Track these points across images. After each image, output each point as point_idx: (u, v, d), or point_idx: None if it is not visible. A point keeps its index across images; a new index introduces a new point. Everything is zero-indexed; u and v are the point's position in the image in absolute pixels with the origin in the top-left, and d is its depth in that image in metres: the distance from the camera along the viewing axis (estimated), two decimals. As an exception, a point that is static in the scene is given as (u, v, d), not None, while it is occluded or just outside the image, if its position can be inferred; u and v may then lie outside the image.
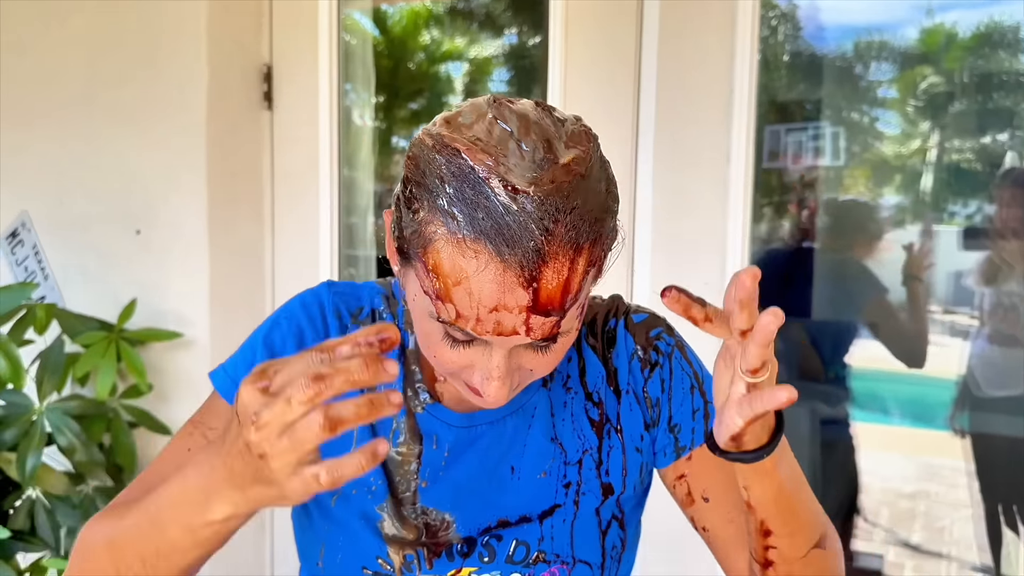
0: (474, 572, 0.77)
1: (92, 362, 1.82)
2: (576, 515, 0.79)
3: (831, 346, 2.74)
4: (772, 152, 3.05)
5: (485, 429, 0.79)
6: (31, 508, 1.83)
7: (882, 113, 3.16)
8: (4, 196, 2.18)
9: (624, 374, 0.82)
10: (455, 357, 0.67)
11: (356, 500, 0.78)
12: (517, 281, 0.61)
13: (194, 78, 1.88)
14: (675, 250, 1.56)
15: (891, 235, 3.26)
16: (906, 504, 3.34)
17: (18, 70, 2.11)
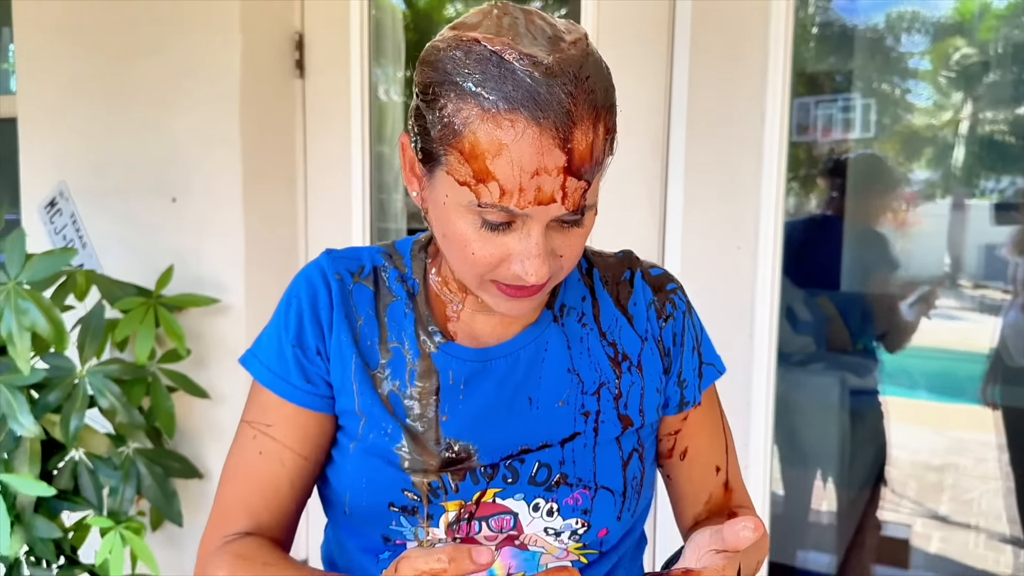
0: (498, 493, 0.80)
1: (131, 327, 1.86)
2: (596, 442, 0.82)
3: (859, 317, 2.74)
4: (801, 126, 3.03)
5: (499, 362, 0.82)
6: (74, 469, 1.87)
7: (914, 85, 3.12)
8: (42, 166, 2.22)
9: (642, 321, 0.86)
10: (492, 250, 0.71)
11: (376, 443, 0.81)
12: (554, 143, 0.66)
13: (227, 46, 1.90)
14: (708, 215, 1.56)
15: (923, 208, 3.23)
16: (934, 477, 3.33)
17: (54, 42, 2.14)
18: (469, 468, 0.80)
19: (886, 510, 2.87)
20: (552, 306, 0.85)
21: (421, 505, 0.80)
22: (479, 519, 0.80)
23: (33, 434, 1.71)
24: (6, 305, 1.66)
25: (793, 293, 2.72)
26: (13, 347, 1.65)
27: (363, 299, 0.83)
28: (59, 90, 2.16)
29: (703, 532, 0.70)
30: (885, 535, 2.76)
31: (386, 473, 0.80)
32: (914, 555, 2.78)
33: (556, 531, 0.81)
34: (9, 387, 1.71)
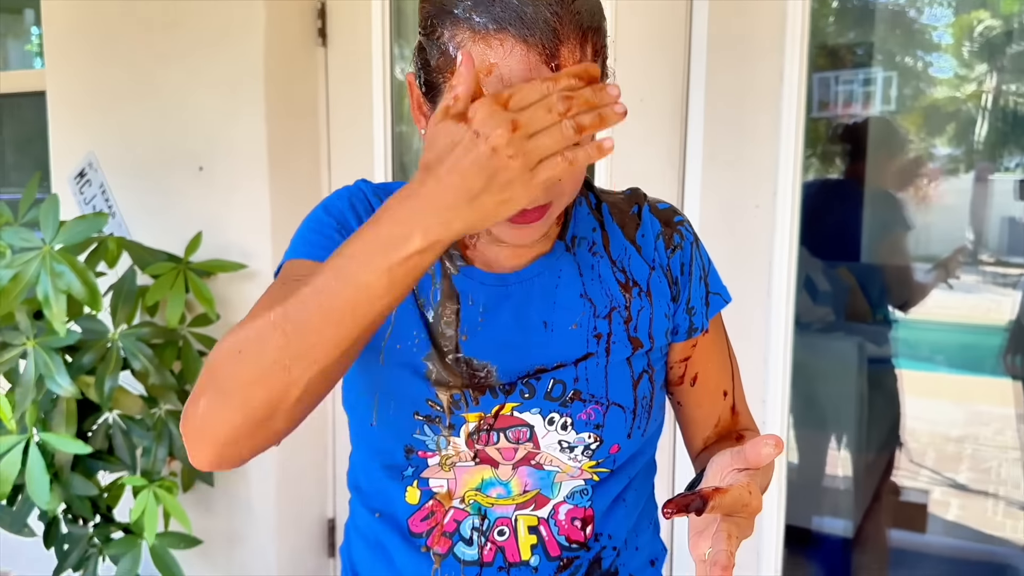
0: (516, 407, 0.84)
1: (162, 292, 1.91)
2: (608, 361, 0.86)
3: (878, 287, 2.74)
4: (822, 101, 3.01)
5: (515, 288, 0.86)
6: (108, 429, 1.93)
7: (936, 57, 3.10)
8: (71, 138, 2.27)
9: (650, 250, 0.90)
10: None
11: (402, 354, 0.85)
12: (540, 59, 0.69)
13: (251, 16, 1.93)
14: (726, 174, 1.58)
15: (945, 183, 3.22)
16: (953, 448, 3.34)
17: (80, 16, 2.18)
18: (488, 385, 0.84)
19: (904, 479, 2.89)
20: (564, 237, 0.88)
21: (443, 415, 0.84)
22: (497, 430, 0.84)
23: (70, 394, 1.76)
24: (42, 268, 1.71)
25: (812, 263, 2.74)
26: (49, 309, 1.70)
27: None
28: (86, 63, 2.20)
29: (724, 454, 0.73)
30: (903, 500, 2.78)
31: (412, 383, 0.84)
32: (932, 521, 2.80)
33: (570, 445, 0.85)
34: (45, 348, 1.77)
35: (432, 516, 0.87)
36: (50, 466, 1.80)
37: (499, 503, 0.87)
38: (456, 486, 0.87)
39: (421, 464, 0.86)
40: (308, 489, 2.19)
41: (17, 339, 1.80)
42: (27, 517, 1.91)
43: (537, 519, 0.87)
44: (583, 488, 0.88)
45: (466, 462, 0.85)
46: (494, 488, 0.86)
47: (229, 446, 0.71)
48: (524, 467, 0.86)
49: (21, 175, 3.09)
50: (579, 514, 0.88)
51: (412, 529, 0.88)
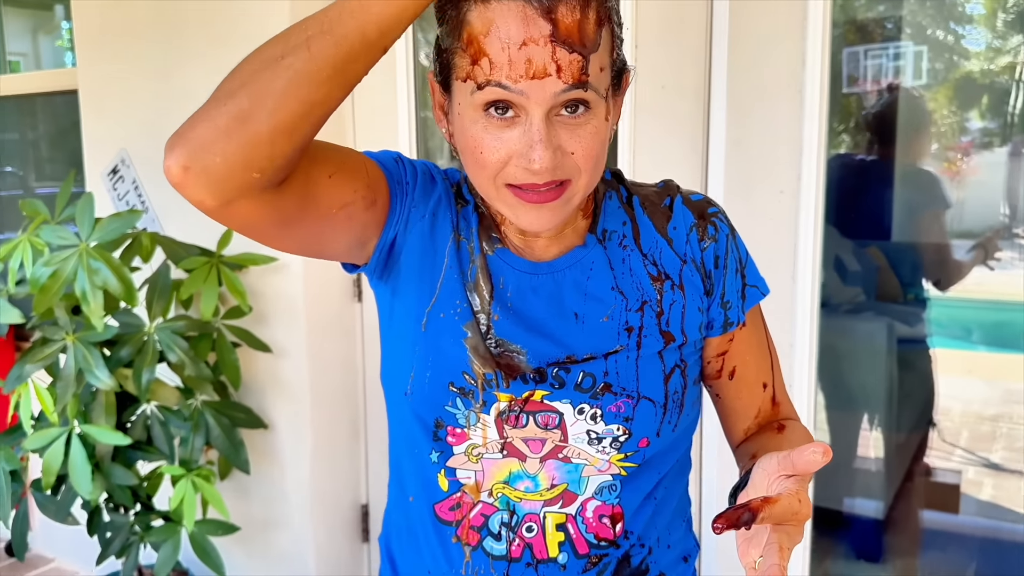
0: (546, 396, 0.85)
1: (196, 285, 1.95)
2: (639, 355, 0.86)
3: (910, 266, 2.72)
4: (851, 76, 2.98)
5: (546, 278, 0.87)
6: (147, 420, 1.98)
7: (968, 30, 3.04)
8: (103, 135, 2.31)
9: (682, 243, 0.89)
10: (499, 146, 0.75)
11: (444, 322, 0.86)
12: (537, 12, 0.70)
13: (276, 10, 1.96)
14: (750, 159, 1.58)
15: (979, 157, 3.17)
16: (987, 427, 3.31)
17: (110, 15, 2.22)
18: (519, 370, 0.85)
19: (937, 459, 2.87)
20: (595, 231, 0.88)
21: (476, 390, 0.85)
22: (527, 413, 0.85)
23: (109, 387, 1.81)
24: (79, 265, 1.75)
25: (841, 243, 2.72)
26: (87, 305, 1.75)
27: (451, 196, 0.90)
28: (117, 61, 2.24)
29: (770, 458, 0.72)
30: (935, 481, 2.77)
31: (451, 352, 0.85)
32: (965, 501, 2.78)
33: (598, 436, 0.85)
34: (85, 343, 1.82)
35: (460, 507, 0.89)
36: (91, 457, 1.85)
37: (527, 497, 0.87)
38: (484, 478, 0.87)
39: (448, 450, 0.87)
40: (341, 476, 2.23)
41: (57, 334, 1.85)
42: (71, 506, 1.97)
43: (565, 516, 0.87)
44: (611, 484, 0.88)
45: (493, 454, 0.86)
46: (522, 481, 0.87)
47: (207, 142, 0.68)
48: (552, 460, 0.86)
49: (55, 169, 3.16)
50: (607, 511, 0.88)
51: (440, 516, 0.90)
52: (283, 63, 0.69)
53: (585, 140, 0.76)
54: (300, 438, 2.12)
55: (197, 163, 0.69)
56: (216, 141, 0.68)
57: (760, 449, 0.89)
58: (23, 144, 3.25)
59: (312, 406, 2.10)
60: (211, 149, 0.68)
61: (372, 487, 2.27)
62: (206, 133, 0.69)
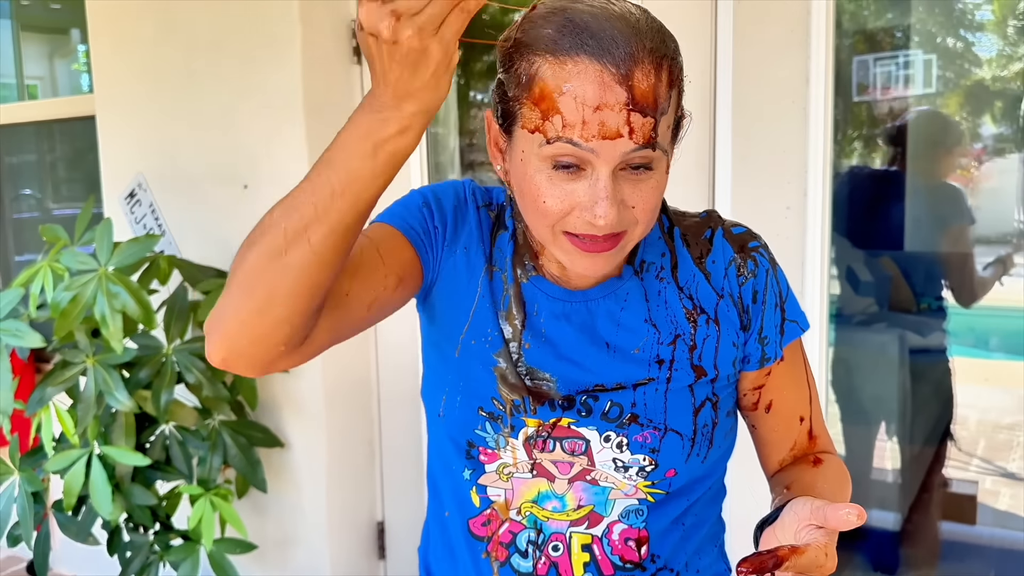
0: (573, 423, 0.86)
1: (212, 306, 1.97)
2: (668, 388, 0.86)
3: (923, 276, 2.71)
4: (861, 84, 2.98)
5: (579, 306, 0.88)
6: (165, 441, 2.01)
7: (978, 37, 3.04)
8: (120, 160, 2.35)
9: (720, 278, 0.88)
10: (562, 196, 0.76)
11: (476, 349, 0.88)
12: (614, 78, 0.71)
13: (289, 37, 1.99)
14: (757, 176, 1.59)
15: (992, 164, 3.16)
16: (1005, 436, 3.29)
17: (126, 42, 2.27)
18: (548, 397, 0.86)
19: (954, 469, 2.86)
20: (633, 261, 0.89)
21: (505, 415, 0.87)
22: (555, 438, 0.86)
23: (128, 408, 1.84)
24: (98, 290, 1.79)
25: (853, 254, 2.73)
26: (106, 328, 1.78)
27: (486, 224, 0.92)
28: (133, 87, 2.28)
29: (804, 504, 0.72)
30: (952, 492, 2.75)
31: (481, 378, 0.88)
32: (983, 512, 2.77)
33: (624, 464, 0.86)
34: (104, 366, 1.85)
35: (490, 523, 0.91)
36: (111, 478, 1.88)
37: (554, 517, 0.89)
38: (513, 497, 0.89)
39: (480, 468, 0.89)
40: (357, 493, 2.25)
41: (77, 357, 1.89)
42: (91, 526, 2.00)
43: (591, 537, 0.89)
44: (637, 508, 0.88)
45: (523, 473, 0.88)
46: (550, 501, 0.88)
47: (235, 336, 0.74)
48: (579, 482, 0.87)
49: (73, 191, 3.21)
50: (633, 535, 0.89)
51: (474, 531, 0.92)
52: (287, 260, 0.72)
53: (646, 194, 0.77)
54: (316, 456, 2.14)
55: (232, 352, 0.76)
56: (243, 333, 0.74)
57: (794, 482, 0.90)
58: (41, 167, 3.31)
59: (328, 424, 2.13)
60: (240, 339, 0.75)
61: (388, 504, 2.29)
62: (233, 327, 0.74)
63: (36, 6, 3.63)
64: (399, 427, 2.23)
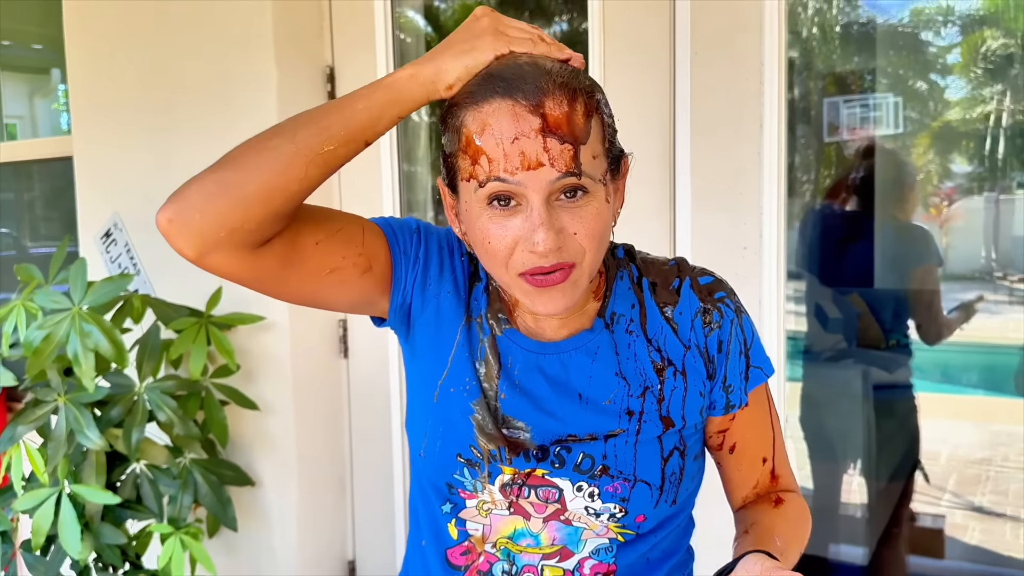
0: (546, 474, 0.89)
1: (185, 345, 2.00)
2: (638, 440, 0.89)
3: (892, 313, 2.77)
4: (832, 125, 3.06)
5: (552, 358, 0.91)
6: (136, 479, 2.02)
7: (946, 79, 3.12)
8: (96, 199, 2.38)
9: (686, 330, 0.91)
10: (504, 234, 0.81)
11: (455, 397, 0.92)
12: (526, 109, 0.77)
13: (264, 82, 2.04)
14: (714, 217, 1.65)
15: (962, 203, 3.24)
16: (973, 470, 3.33)
17: (104, 83, 2.31)
18: (523, 447, 0.90)
19: (922, 503, 2.90)
20: (604, 314, 0.92)
21: (482, 463, 0.90)
22: (529, 486, 0.90)
23: (99, 447, 1.85)
24: (71, 329, 1.81)
25: (822, 291, 2.78)
26: (79, 367, 1.79)
27: (467, 273, 0.96)
28: (110, 128, 2.32)
29: (756, 562, 0.77)
30: (920, 526, 2.79)
31: (460, 426, 0.91)
32: (952, 545, 2.80)
33: (596, 512, 0.89)
34: (76, 404, 1.86)
35: (468, 554, 0.94)
36: (81, 516, 1.88)
37: (527, 551, 0.92)
38: (490, 532, 0.93)
39: (460, 503, 0.93)
40: (328, 532, 2.25)
41: (49, 396, 1.90)
42: (60, 566, 1.99)
43: (562, 571, 0.92)
44: (608, 546, 0.91)
45: (501, 511, 0.92)
46: (524, 539, 0.92)
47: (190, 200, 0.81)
48: (554, 521, 0.91)
49: (50, 229, 3.23)
50: (602, 569, 0.92)
51: (452, 561, 0.95)
52: (269, 144, 0.80)
53: (587, 221, 0.81)
54: (287, 495, 2.15)
55: (179, 217, 0.80)
56: (199, 201, 0.80)
57: (755, 524, 0.94)
58: (18, 205, 3.33)
59: (299, 463, 2.14)
60: (193, 207, 0.80)
61: (359, 543, 2.30)
62: (192, 195, 0.81)
63: (17, 47, 3.66)
64: (370, 466, 2.25)
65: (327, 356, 2.21)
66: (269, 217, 0.80)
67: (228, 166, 0.81)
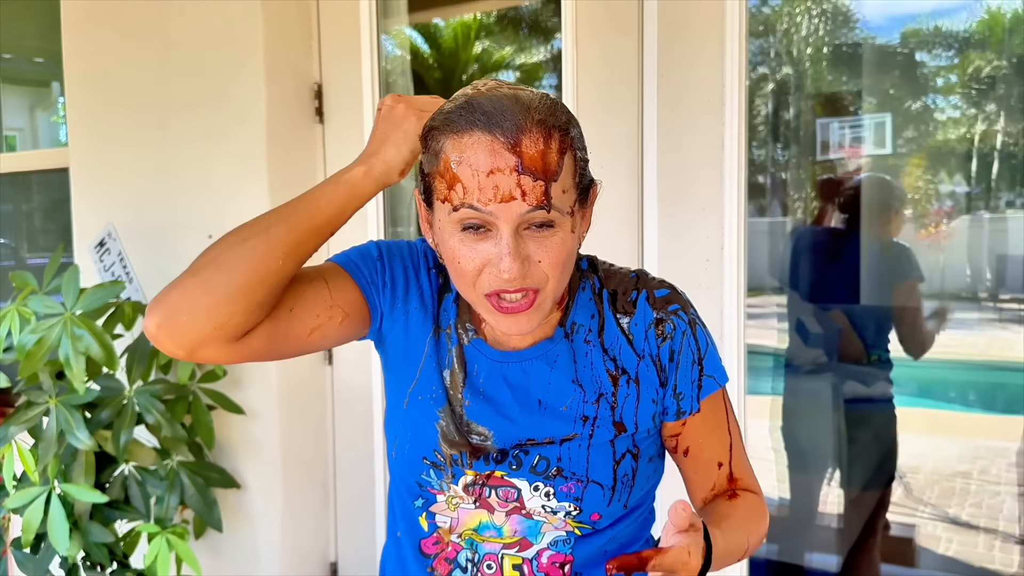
0: (505, 475, 0.96)
1: (173, 351, 2.06)
2: (591, 443, 0.95)
3: (874, 329, 2.83)
4: (824, 143, 3.13)
5: (515, 367, 0.98)
6: (124, 480, 2.08)
7: (937, 100, 3.18)
8: (91, 210, 2.45)
9: (640, 340, 0.97)
10: (473, 256, 0.87)
11: (422, 404, 0.99)
12: (504, 146, 0.83)
13: (254, 96, 2.12)
14: (679, 232, 1.72)
15: (955, 222, 3.30)
16: (949, 483, 3.39)
17: (101, 97, 2.39)
18: (484, 451, 0.96)
19: (907, 515, 2.95)
20: (564, 323, 0.98)
21: (446, 466, 0.97)
22: (490, 487, 0.96)
23: (88, 447, 1.91)
24: (63, 333, 1.87)
25: (802, 307, 2.85)
26: (70, 370, 1.86)
27: (436, 285, 1.03)
28: (106, 141, 2.40)
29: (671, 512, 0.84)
30: (895, 535, 2.84)
31: (425, 433, 0.98)
32: (929, 557, 2.85)
33: (553, 510, 0.96)
34: (66, 406, 1.93)
35: (439, 544, 1.01)
36: (70, 515, 1.94)
37: (489, 540, 0.98)
38: (457, 524, 0.99)
39: (431, 498, 1.00)
40: (311, 534, 2.31)
41: (40, 398, 1.96)
42: (49, 564, 2.05)
43: (521, 559, 0.98)
44: (565, 538, 0.98)
45: (468, 505, 0.98)
46: (489, 531, 0.98)
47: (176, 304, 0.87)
48: (516, 515, 0.97)
49: (48, 240, 3.30)
50: (559, 559, 0.98)
51: (424, 550, 1.02)
52: (245, 244, 0.88)
53: (552, 250, 0.87)
54: (271, 497, 2.21)
55: (168, 321, 0.88)
56: (184, 304, 0.87)
57: (709, 512, 0.99)
58: (17, 217, 3.40)
59: (283, 466, 2.20)
60: (180, 310, 0.87)
61: (341, 545, 2.36)
62: (176, 299, 0.88)
63: (18, 60, 3.75)
64: (353, 470, 2.31)
65: (312, 363, 2.27)
66: (253, 308, 0.88)
67: (208, 267, 0.87)
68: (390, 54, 2.50)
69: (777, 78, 3.36)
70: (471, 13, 3.08)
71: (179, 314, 0.86)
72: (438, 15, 2.98)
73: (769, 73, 3.34)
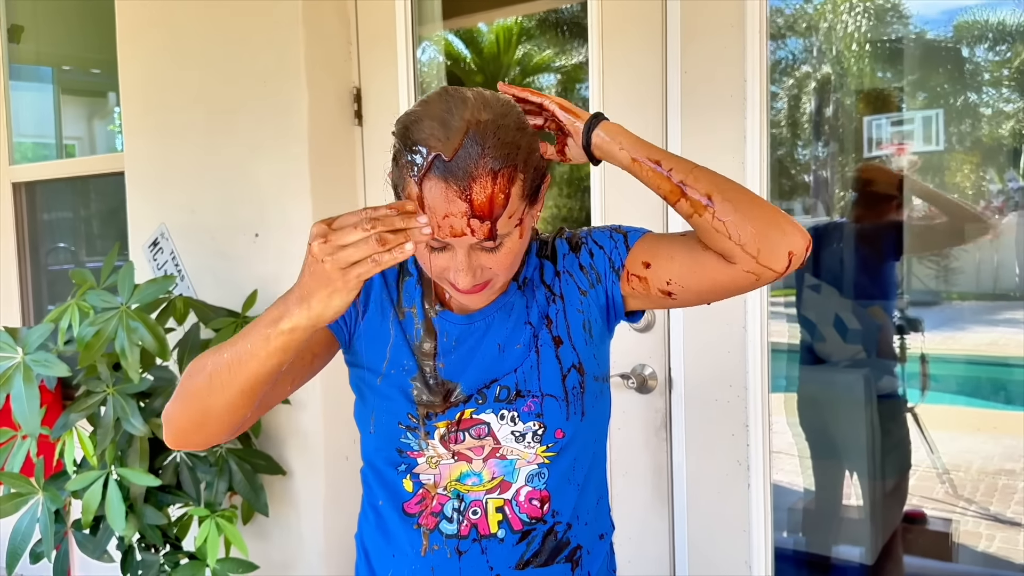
0: (473, 412, 1.10)
1: (221, 341, 2.17)
2: (539, 361, 1.11)
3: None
4: (872, 140, 3.13)
5: (480, 325, 1.13)
6: (176, 467, 2.19)
7: (988, 92, 3.15)
8: (145, 211, 2.58)
9: (560, 263, 1.14)
10: (437, 261, 1.01)
11: (395, 377, 1.12)
12: (456, 194, 0.95)
13: (296, 101, 2.22)
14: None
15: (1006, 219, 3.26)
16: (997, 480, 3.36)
17: (153, 104, 2.52)
18: (453, 402, 1.10)
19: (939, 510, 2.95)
20: (518, 278, 1.14)
21: (419, 425, 1.10)
22: (462, 430, 1.10)
23: (143, 434, 2.03)
24: (119, 325, 1.99)
25: (841, 303, 2.87)
26: (125, 360, 1.98)
27: (391, 276, 1.17)
28: (158, 146, 2.52)
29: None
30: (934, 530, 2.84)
31: (399, 400, 1.11)
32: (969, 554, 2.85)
33: (521, 433, 1.09)
34: (122, 394, 2.04)
35: (423, 501, 1.13)
36: (126, 498, 2.06)
37: (473, 489, 1.11)
38: (441, 479, 1.12)
39: (412, 462, 1.12)
40: (353, 519, 2.40)
41: (98, 387, 2.08)
42: (107, 544, 2.17)
43: (503, 501, 1.11)
44: (539, 472, 1.10)
45: (447, 460, 1.11)
46: (470, 479, 1.11)
47: (184, 432, 1.04)
48: (492, 459, 1.10)
49: (105, 244, 3.45)
50: (536, 496, 1.11)
51: (407, 511, 1.14)
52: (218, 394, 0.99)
53: (500, 259, 1.01)
54: (315, 484, 2.31)
55: (184, 441, 1.06)
56: (188, 432, 1.04)
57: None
58: (76, 222, 3.57)
59: (326, 455, 2.30)
60: (189, 432, 1.04)
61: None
62: (181, 425, 1.03)
63: (76, 71, 3.92)
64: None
65: (353, 356, 2.36)
66: (251, 405, 1.01)
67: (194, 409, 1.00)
68: (431, 59, 2.59)
69: (818, 76, 3.37)
70: (504, 18, 3.15)
71: (189, 435, 1.04)
72: (472, 21, 3.06)
73: (811, 71, 3.35)
